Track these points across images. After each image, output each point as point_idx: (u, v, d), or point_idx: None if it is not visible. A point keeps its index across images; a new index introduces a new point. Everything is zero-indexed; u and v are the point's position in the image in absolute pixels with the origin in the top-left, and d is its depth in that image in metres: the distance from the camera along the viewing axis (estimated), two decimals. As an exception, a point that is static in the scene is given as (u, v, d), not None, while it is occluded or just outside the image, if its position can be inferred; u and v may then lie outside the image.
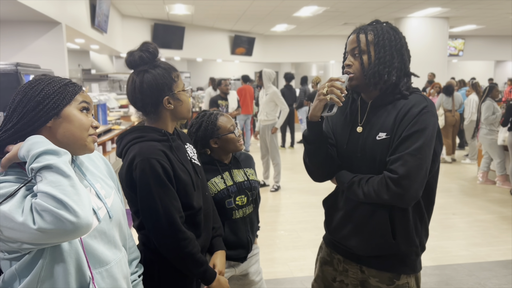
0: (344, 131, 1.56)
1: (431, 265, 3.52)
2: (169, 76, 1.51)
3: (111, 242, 1.23)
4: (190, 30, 11.67)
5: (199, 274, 1.50)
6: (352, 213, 1.53)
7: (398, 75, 1.45)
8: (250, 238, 1.88)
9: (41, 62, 4.73)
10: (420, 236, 1.51)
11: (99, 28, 7.06)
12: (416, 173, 1.35)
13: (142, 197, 1.44)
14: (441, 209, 5.06)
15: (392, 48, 1.43)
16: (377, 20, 1.50)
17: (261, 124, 5.95)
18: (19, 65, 3.89)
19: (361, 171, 1.50)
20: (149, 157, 1.43)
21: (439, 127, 1.44)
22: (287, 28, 12.48)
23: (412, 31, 10.45)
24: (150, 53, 1.50)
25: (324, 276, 1.71)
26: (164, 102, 1.51)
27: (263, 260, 3.64)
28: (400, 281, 1.50)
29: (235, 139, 1.84)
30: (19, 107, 1.08)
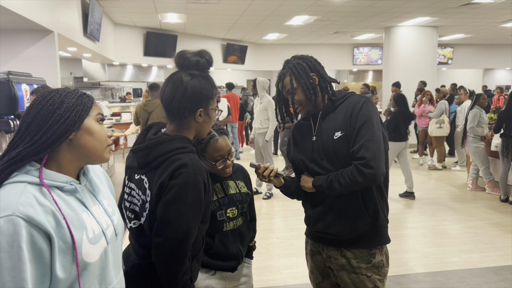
0: (307, 144, 1.84)
1: (423, 272, 3.55)
2: (212, 90, 1.48)
3: (116, 261, 1.21)
4: (182, 39, 11.70)
5: None
6: (331, 204, 1.77)
7: (322, 87, 1.78)
8: (240, 250, 1.88)
9: (33, 70, 4.72)
10: (384, 211, 1.81)
11: (92, 36, 7.06)
12: (379, 153, 1.64)
13: (171, 208, 1.35)
14: (432, 216, 5.10)
15: (308, 73, 1.76)
16: (286, 60, 1.84)
17: (256, 132, 5.98)
18: (11, 73, 3.88)
19: (328, 171, 1.73)
20: (197, 172, 1.37)
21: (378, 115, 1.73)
22: (278, 37, 12.56)
23: (401, 40, 10.58)
24: (207, 60, 1.47)
25: (317, 265, 1.95)
26: (197, 113, 1.45)
27: (256, 268, 3.63)
28: (376, 259, 1.78)
29: (216, 169, 1.79)
30: (36, 121, 1.06)
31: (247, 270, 1.97)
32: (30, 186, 1.02)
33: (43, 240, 0.98)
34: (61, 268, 1.01)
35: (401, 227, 4.68)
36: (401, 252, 3.98)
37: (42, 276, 0.99)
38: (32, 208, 0.97)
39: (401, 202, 5.72)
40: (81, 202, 1.12)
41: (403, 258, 3.85)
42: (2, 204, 0.96)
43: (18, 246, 0.94)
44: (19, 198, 0.98)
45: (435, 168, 7.92)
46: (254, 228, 2.08)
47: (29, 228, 0.96)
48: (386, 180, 1.80)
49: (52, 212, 1.01)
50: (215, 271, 1.85)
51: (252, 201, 2.03)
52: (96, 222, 1.13)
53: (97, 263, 1.11)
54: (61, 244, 1.01)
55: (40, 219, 0.97)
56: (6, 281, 0.93)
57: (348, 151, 1.69)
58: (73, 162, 1.13)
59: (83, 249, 1.06)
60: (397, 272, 3.54)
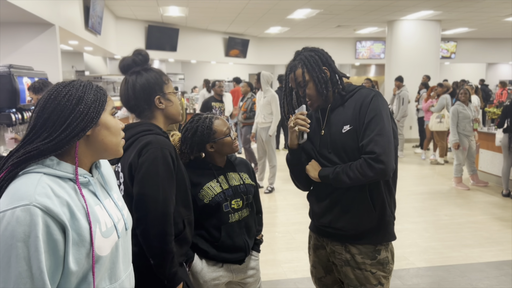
0: (315, 136, 1.82)
1: (424, 266, 3.55)
2: (160, 78, 1.63)
3: (125, 256, 1.21)
4: (184, 32, 11.67)
5: (169, 275, 1.48)
6: (338, 198, 1.75)
7: (334, 82, 1.74)
8: (247, 241, 1.88)
9: (34, 63, 4.72)
10: (391, 207, 1.79)
11: (93, 30, 7.04)
12: (389, 147, 1.61)
13: (146, 182, 1.45)
14: (433, 210, 5.10)
15: (320, 66, 1.72)
16: (297, 51, 1.80)
17: (258, 127, 5.96)
18: (12, 67, 3.88)
19: (334, 165, 1.72)
20: (163, 147, 1.49)
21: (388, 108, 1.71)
22: (280, 30, 12.52)
23: (404, 34, 10.53)
24: (142, 56, 1.63)
25: (320, 260, 1.93)
26: (156, 101, 1.61)
27: (257, 262, 3.65)
28: (381, 256, 1.76)
29: (231, 142, 1.84)
30: (54, 117, 1.05)
31: (254, 263, 1.97)
32: (45, 177, 1.02)
33: (58, 231, 0.98)
34: (74, 260, 1.01)
35: (402, 221, 4.68)
36: (402, 246, 3.98)
37: (55, 268, 0.99)
38: (49, 198, 0.98)
39: (402, 196, 5.72)
40: (94, 194, 1.12)
41: (404, 252, 3.85)
42: (19, 194, 0.96)
43: (35, 236, 0.93)
44: (36, 188, 0.97)
45: (437, 162, 7.91)
46: (261, 221, 2.08)
47: (46, 218, 0.95)
48: (394, 176, 1.77)
49: (68, 204, 1.01)
50: (223, 263, 1.86)
51: (257, 193, 2.03)
52: (108, 216, 1.13)
53: (108, 257, 1.10)
54: (75, 236, 1.01)
55: (56, 210, 0.97)
56: (24, 270, 0.93)
57: (356, 145, 1.67)
58: (88, 156, 1.13)
59: (96, 242, 1.05)
60: (398, 266, 3.54)
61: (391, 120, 1.69)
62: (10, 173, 1.01)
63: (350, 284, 1.78)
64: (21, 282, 0.92)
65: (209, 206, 1.78)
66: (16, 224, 0.92)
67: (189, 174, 1.78)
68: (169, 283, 1.49)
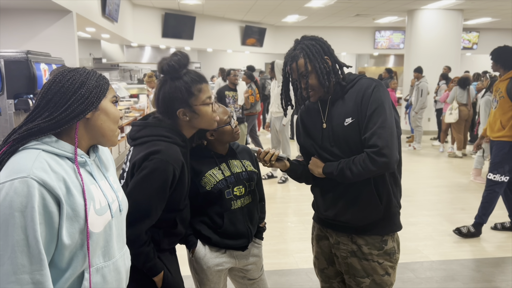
0: (316, 130, 1.79)
1: (438, 260, 3.50)
2: (187, 90, 1.56)
3: (119, 236, 1.26)
4: (200, 20, 11.64)
5: (145, 268, 1.55)
6: (342, 192, 1.73)
7: (335, 72, 1.70)
8: (249, 228, 1.88)
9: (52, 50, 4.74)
10: (397, 197, 1.76)
11: (110, 17, 7.06)
12: (391, 140, 1.57)
13: (137, 188, 1.48)
14: (449, 204, 5.02)
15: (322, 55, 1.67)
16: (297, 40, 1.74)
17: (272, 116, 5.93)
18: (30, 53, 3.90)
19: (339, 158, 1.69)
20: (169, 161, 1.48)
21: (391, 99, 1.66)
22: (298, 19, 12.38)
23: (425, 23, 10.30)
24: (170, 66, 1.55)
25: (323, 251, 1.92)
26: (179, 114, 1.58)
27: (269, 251, 3.65)
28: (388, 246, 1.74)
29: (231, 131, 1.83)
30: (56, 98, 1.11)
31: (257, 250, 1.97)
32: (44, 153, 1.08)
33: (53, 204, 1.03)
34: (67, 234, 1.06)
35: (417, 214, 4.62)
36: (417, 239, 3.93)
37: (50, 239, 1.04)
38: (46, 173, 1.03)
39: (419, 189, 5.64)
40: (90, 174, 1.18)
41: (418, 245, 3.80)
42: (17, 167, 1.02)
43: (32, 207, 0.99)
44: (34, 162, 1.04)
45: (455, 155, 7.77)
46: (263, 208, 2.07)
47: (42, 190, 1.01)
48: (399, 165, 1.75)
49: (64, 179, 1.07)
50: (226, 250, 1.86)
51: (260, 181, 2.03)
52: (103, 195, 1.19)
53: (101, 234, 1.16)
54: (69, 211, 1.07)
55: (52, 184, 1.03)
56: (20, 238, 0.98)
57: (359, 138, 1.63)
58: (86, 139, 1.19)
59: (90, 219, 1.11)
60: (411, 259, 3.50)
61: (393, 110, 1.65)
62: (11, 148, 1.08)
63: (356, 275, 1.76)
64: (18, 249, 0.98)
65: (211, 193, 1.79)
66: (14, 194, 0.98)
67: (191, 161, 1.79)
68: (148, 273, 1.57)
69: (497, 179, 3.84)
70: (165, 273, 1.60)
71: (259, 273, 1.99)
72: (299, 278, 3.19)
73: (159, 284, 1.59)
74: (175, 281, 1.65)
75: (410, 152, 8.30)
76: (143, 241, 1.51)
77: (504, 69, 3.84)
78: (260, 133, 10.62)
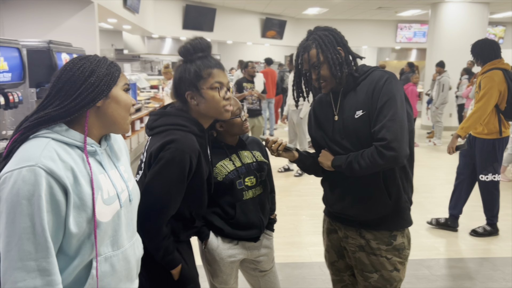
0: (327, 122, 1.76)
1: (455, 257, 3.45)
2: (196, 72, 1.54)
3: (129, 225, 1.26)
4: (221, 12, 11.63)
5: (164, 261, 1.54)
6: (350, 186, 1.71)
7: (348, 63, 1.67)
8: (261, 219, 1.88)
9: (73, 40, 4.81)
10: (408, 193, 1.72)
11: (131, 8, 7.12)
12: (401, 134, 1.53)
13: (155, 179, 1.47)
14: (469, 201, 4.90)
15: (334, 46, 1.65)
16: (309, 31, 1.72)
17: (290, 109, 5.90)
18: (52, 42, 3.97)
19: (349, 151, 1.66)
20: (185, 150, 1.47)
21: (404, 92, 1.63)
22: (319, 12, 12.25)
23: (449, 17, 10.05)
24: (192, 45, 1.56)
25: (333, 244, 1.91)
26: (187, 96, 1.57)
27: (283, 243, 3.65)
28: (397, 241, 1.71)
29: (240, 123, 1.83)
30: (67, 87, 1.11)
31: (268, 242, 1.97)
32: (53, 142, 1.09)
33: (60, 193, 1.04)
34: (75, 223, 1.07)
35: (435, 211, 4.54)
36: (434, 236, 3.88)
37: (57, 228, 1.06)
38: (53, 162, 1.04)
39: (437, 185, 5.54)
40: (100, 164, 1.18)
41: (435, 242, 3.75)
42: (26, 155, 1.03)
43: (39, 195, 1.00)
44: (42, 151, 1.04)
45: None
46: (274, 200, 2.08)
47: (49, 179, 1.02)
48: (411, 159, 1.72)
49: (72, 168, 1.08)
50: (238, 241, 1.87)
51: (270, 172, 2.03)
52: (112, 185, 1.19)
53: (110, 224, 1.16)
54: (77, 200, 1.07)
55: (59, 173, 1.04)
56: (27, 226, 1.00)
57: (369, 131, 1.60)
58: (98, 128, 1.19)
59: (97, 208, 1.11)
60: (427, 256, 3.45)
61: (406, 103, 1.62)
62: (22, 136, 1.09)
63: (364, 270, 1.75)
64: (25, 237, 1.00)
65: (223, 183, 1.79)
66: (22, 183, 1.00)
67: None
68: (167, 266, 1.57)
69: (489, 179, 3.73)
70: (182, 265, 1.60)
71: (271, 264, 2.00)
72: (312, 272, 3.19)
73: (176, 276, 1.59)
74: (191, 273, 1.66)
75: (430, 147, 8.15)
76: (164, 235, 1.51)
77: (482, 62, 3.70)
78: (278, 126, 10.60)
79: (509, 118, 3.63)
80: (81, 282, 1.13)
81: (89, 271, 1.14)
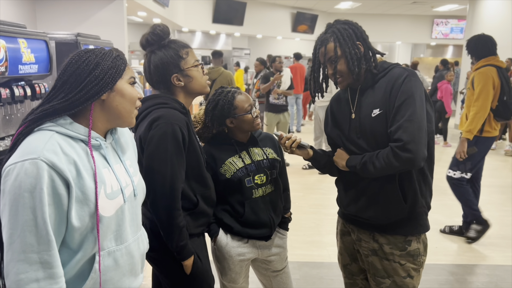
0: (344, 120, 1.70)
1: (481, 264, 3.30)
2: (175, 54, 1.58)
3: (133, 220, 1.25)
4: (251, 6, 11.59)
5: (177, 247, 1.51)
6: (365, 188, 1.65)
7: (367, 59, 1.59)
8: (272, 218, 1.84)
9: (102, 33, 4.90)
10: (425, 197, 1.63)
11: (161, 2, 7.18)
12: (419, 135, 1.46)
13: (155, 157, 1.47)
14: (500, 205, 4.71)
15: (354, 41, 1.58)
16: (329, 24, 1.66)
17: (316, 105, 5.81)
18: (79, 35, 4.04)
19: (364, 151, 1.60)
20: (174, 122, 1.48)
21: (425, 90, 1.54)
22: (352, 6, 12.03)
23: (488, 12, 9.65)
24: (155, 34, 1.58)
25: (347, 247, 1.85)
26: (173, 79, 1.58)
27: (303, 242, 3.60)
28: (411, 247, 1.63)
29: (251, 120, 1.79)
30: (72, 79, 1.11)
31: (281, 241, 1.93)
32: (57, 135, 1.09)
33: (63, 187, 1.04)
34: (77, 217, 1.07)
35: (464, 214, 4.37)
36: (460, 240, 3.73)
37: (59, 221, 1.06)
38: (56, 155, 1.04)
39: (468, 187, 5.33)
40: (104, 158, 1.17)
41: (461, 246, 3.60)
42: (29, 148, 1.04)
43: (40, 188, 1.01)
44: (45, 144, 1.05)
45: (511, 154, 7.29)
46: (288, 198, 2.03)
47: (51, 172, 1.02)
48: (431, 162, 1.63)
49: (75, 162, 1.08)
50: (248, 239, 1.84)
51: (283, 169, 1.98)
52: (116, 179, 1.18)
53: (113, 218, 1.16)
54: (79, 193, 1.07)
55: (61, 166, 1.04)
56: (29, 218, 1.01)
57: (386, 131, 1.54)
58: (103, 121, 1.18)
59: (100, 202, 1.11)
60: (452, 261, 3.32)
61: (426, 103, 1.54)
62: (27, 128, 1.09)
63: (377, 275, 1.68)
64: (27, 229, 1.00)
65: (231, 181, 1.76)
66: (24, 175, 1.00)
67: (212, 149, 1.79)
68: (179, 256, 1.54)
69: (457, 176, 3.55)
70: (194, 258, 1.58)
71: (283, 264, 1.95)
72: (330, 272, 3.12)
73: (188, 269, 1.57)
74: (204, 268, 1.63)
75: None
76: (178, 213, 1.49)
77: (476, 58, 3.50)
78: (305, 122, 10.49)
79: (499, 117, 3.45)
80: (84, 276, 1.14)
81: (92, 265, 1.14)
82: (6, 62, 2.61)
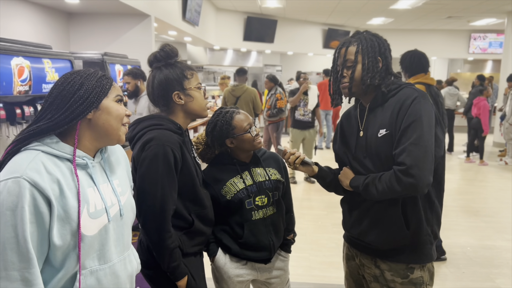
0: (352, 138, 1.65)
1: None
2: (181, 73, 1.61)
3: (119, 240, 1.25)
4: (282, 23, 11.66)
5: (169, 268, 1.51)
6: (368, 210, 1.59)
7: (382, 76, 1.55)
8: (272, 241, 1.80)
9: (130, 52, 5.06)
10: (432, 225, 1.56)
11: (191, 21, 7.35)
12: (423, 160, 1.39)
13: (145, 179, 1.48)
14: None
15: (376, 54, 1.54)
16: (358, 31, 1.63)
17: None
18: (106, 54, 4.19)
19: (369, 172, 1.55)
20: (165, 144, 1.49)
21: (437, 113, 1.49)
22: (384, 22, 11.87)
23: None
24: (164, 52, 1.62)
25: (351, 272, 1.78)
26: (174, 96, 1.59)
27: (321, 262, 3.51)
28: (414, 275, 1.55)
29: (251, 139, 1.76)
30: (57, 100, 1.15)
31: (282, 264, 1.88)
32: (43, 154, 1.11)
33: (44, 205, 1.06)
34: (58, 235, 1.08)
35: (496, 237, 4.14)
36: (490, 266, 3.52)
37: (41, 239, 1.07)
38: (39, 174, 1.06)
39: (501, 209, 5.06)
40: (90, 177, 1.18)
41: (491, 273, 3.40)
42: (13, 167, 1.06)
43: (22, 207, 1.03)
44: (29, 163, 1.07)
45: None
46: (291, 220, 1.97)
47: (33, 191, 1.04)
48: (439, 189, 1.57)
49: (58, 181, 1.09)
50: (247, 261, 1.80)
51: (287, 191, 1.93)
52: (100, 199, 1.18)
53: (96, 238, 1.16)
54: (61, 212, 1.08)
55: (43, 185, 1.05)
56: (11, 236, 1.02)
57: (392, 153, 1.48)
58: (91, 140, 1.20)
59: (82, 221, 1.11)
60: (482, 285, 3.14)
61: (436, 126, 1.47)
62: (14, 148, 1.12)
63: None
64: (8, 247, 1.02)
65: (232, 202, 1.74)
66: (7, 194, 1.02)
67: (213, 170, 1.78)
68: (172, 276, 1.53)
69: None
70: (188, 279, 1.57)
71: (284, 287, 1.90)
72: (347, 295, 3.01)
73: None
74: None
75: (501, 167, 7.50)
76: (168, 235, 1.49)
77: (409, 75, 3.35)
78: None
79: None
80: None
81: (73, 284, 1.14)
82: (30, 81, 2.73)
